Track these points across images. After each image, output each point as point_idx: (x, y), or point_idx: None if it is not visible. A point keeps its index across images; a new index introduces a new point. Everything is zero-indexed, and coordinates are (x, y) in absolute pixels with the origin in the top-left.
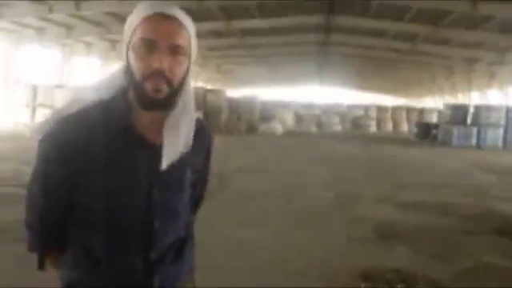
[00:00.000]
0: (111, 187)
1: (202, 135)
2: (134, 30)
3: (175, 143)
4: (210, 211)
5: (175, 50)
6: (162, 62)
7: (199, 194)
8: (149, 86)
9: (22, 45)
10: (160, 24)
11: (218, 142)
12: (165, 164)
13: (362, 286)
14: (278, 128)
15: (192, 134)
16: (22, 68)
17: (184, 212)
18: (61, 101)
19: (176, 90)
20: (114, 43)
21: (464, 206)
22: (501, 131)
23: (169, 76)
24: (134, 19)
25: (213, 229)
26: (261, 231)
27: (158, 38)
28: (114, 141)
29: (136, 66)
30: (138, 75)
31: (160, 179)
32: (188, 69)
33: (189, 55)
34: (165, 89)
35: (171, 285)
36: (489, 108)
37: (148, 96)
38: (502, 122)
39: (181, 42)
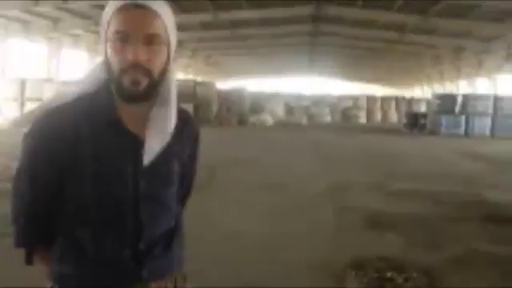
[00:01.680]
0: (98, 180)
1: (189, 127)
2: (109, 22)
3: (158, 136)
4: (200, 203)
5: (151, 40)
6: (138, 53)
7: (187, 186)
8: (127, 80)
9: (8, 38)
10: (132, 14)
11: (209, 134)
12: (147, 159)
13: (353, 274)
14: (269, 119)
15: (173, 124)
16: (9, 62)
17: (172, 204)
18: (49, 94)
19: (157, 81)
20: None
21: (453, 194)
22: (489, 120)
23: (147, 67)
24: (108, 11)
25: (204, 220)
26: (251, 222)
27: (131, 30)
28: (99, 134)
29: (112, 59)
30: (115, 69)
31: (146, 172)
32: (168, 58)
33: (167, 44)
34: (144, 80)
35: (160, 276)
36: (476, 97)
37: (127, 89)
38: (490, 110)
39: (156, 31)
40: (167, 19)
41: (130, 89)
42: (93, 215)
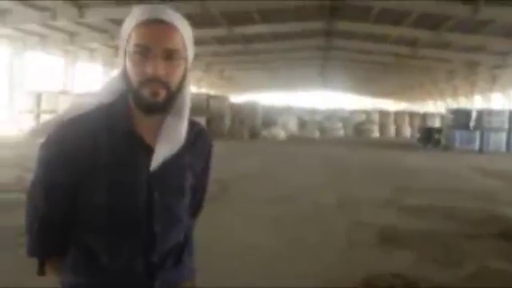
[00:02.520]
0: (112, 191)
1: (202, 139)
2: (129, 36)
3: (167, 144)
4: (212, 216)
5: (170, 55)
6: (157, 67)
7: (199, 199)
8: (146, 92)
9: (25, 52)
10: (153, 29)
11: (221, 148)
12: (154, 164)
13: None
14: (281, 133)
15: (183, 134)
16: (26, 75)
17: (184, 216)
18: (65, 107)
19: (174, 94)
20: (117, 49)
21: (468, 210)
22: (504, 135)
23: (165, 81)
24: (128, 25)
25: (216, 233)
26: (263, 236)
27: (152, 44)
28: (114, 144)
29: (132, 72)
30: (134, 82)
31: (160, 183)
32: (185, 72)
33: (185, 58)
34: (163, 93)
35: (172, 287)
36: (491, 112)
37: (146, 101)
38: (505, 125)
39: (175, 46)
40: (186, 34)
41: (150, 100)
42: (106, 225)
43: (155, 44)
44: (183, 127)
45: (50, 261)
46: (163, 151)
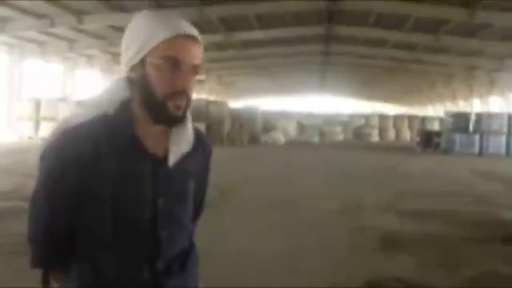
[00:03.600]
0: (117, 199)
1: (202, 145)
2: (156, 47)
3: (179, 146)
4: (213, 222)
5: (196, 70)
6: (188, 82)
7: (199, 203)
8: (172, 105)
9: (24, 59)
10: (186, 44)
11: (221, 153)
12: (171, 162)
13: None
14: (280, 138)
15: (192, 138)
16: (25, 82)
17: (188, 222)
18: (64, 113)
19: (190, 105)
20: (115, 56)
21: (468, 214)
22: (503, 138)
23: (190, 94)
24: (153, 35)
25: (216, 239)
26: (264, 241)
27: (184, 59)
28: (118, 153)
29: (159, 83)
30: (160, 93)
31: (164, 190)
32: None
33: None
34: (183, 105)
35: None
36: (491, 115)
37: (170, 113)
38: (505, 129)
39: (200, 61)
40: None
41: (173, 113)
42: (111, 234)
43: (188, 59)
44: (190, 130)
45: (53, 270)
46: (176, 152)
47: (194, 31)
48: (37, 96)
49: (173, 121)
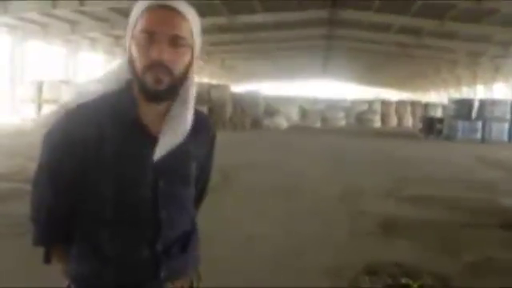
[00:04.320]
0: (118, 179)
1: (205, 129)
2: (136, 22)
3: (172, 133)
4: (214, 206)
5: (175, 41)
6: (162, 52)
7: (202, 188)
8: (149, 78)
9: (26, 41)
10: (159, 15)
11: (223, 138)
12: (158, 153)
13: (367, 279)
14: (283, 123)
15: (189, 123)
16: (28, 64)
17: (189, 205)
18: (66, 96)
19: (178, 81)
20: (118, 39)
21: (469, 200)
22: (506, 125)
23: (170, 66)
24: (136, 12)
25: (218, 224)
26: (264, 226)
27: (158, 29)
28: (120, 133)
29: (137, 57)
30: (139, 67)
31: (165, 171)
32: (191, 60)
33: (191, 46)
34: (166, 80)
35: (177, 277)
36: (494, 102)
37: (149, 88)
38: (508, 116)
39: (181, 32)
40: (193, 22)
41: (153, 87)
42: (112, 214)
43: (161, 29)
44: (189, 116)
45: (55, 249)
46: (168, 140)
47: (173, 2)
48: (39, 78)
49: (153, 95)
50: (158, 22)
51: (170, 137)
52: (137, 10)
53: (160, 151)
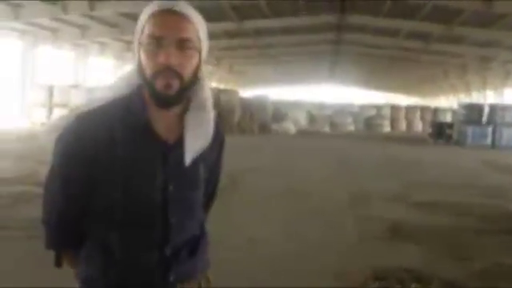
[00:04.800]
0: (128, 183)
1: (215, 132)
2: (143, 27)
3: (196, 139)
4: (223, 210)
5: (183, 45)
6: (170, 56)
7: (212, 192)
8: (159, 83)
9: (37, 46)
10: (165, 20)
11: (231, 142)
12: (188, 159)
13: (375, 285)
14: (291, 128)
15: (211, 130)
16: (38, 69)
17: (198, 209)
18: (76, 100)
19: (188, 85)
20: (128, 44)
21: (478, 205)
22: None
23: (178, 70)
24: (143, 17)
25: (226, 227)
26: (273, 230)
27: (164, 34)
28: (130, 139)
29: (146, 63)
30: (148, 73)
31: (175, 176)
32: (199, 64)
33: (199, 50)
34: (176, 84)
35: (186, 280)
36: (504, 107)
37: (159, 93)
38: None
39: (188, 35)
40: (200, 26)
41: (163, 92)
42: (122, 218)
43: (168, 34)
44: (210, 121)
45: (66, 253)
46: (195, 144)
47: (179, 6)
48: (49, 83)
49: (163, 100)
50: (164, 27)
51: (195, 142)
52: (143, 16)
53: (189, 156)
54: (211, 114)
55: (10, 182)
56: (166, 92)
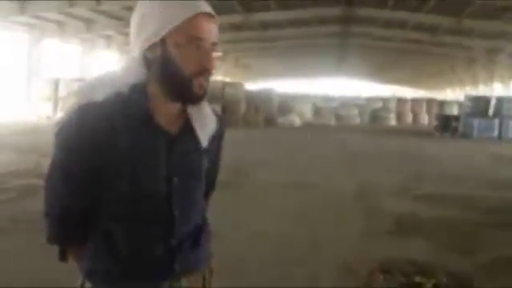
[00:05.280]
0: (132, 176)
1: (217, 123)
2: (180, 26)
3: (204, 125)
4: (228, 203)
5: (214, 48)
6: (212, 61)
7: (212, 182)
8: (196, 84)
9: (43, 39)
10: (206, 22)
11: (236, 135)
12: (203, 140)
13: (381, 278)
14: (296, 120)
15: (214, 118)
16: (44, 62)
17: (200, 199)
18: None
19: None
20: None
21: (485, 198)
22: None
23: (212, 73)
24: (174, 14)
25: (230, 220)
26: (277, 223)
27: (206, 37)
28: (133, 131)
29: (184, 63)
30: (186, 72)
31: (179, 168)
32: None
33: None
34: (206, 85)
35: (190, 271)
36: (511, 99)
37: (194, 92)
38: None
39: (217, 39)
40: None
41: (197, 92)
42: (126, 211)
43: (208, 37)
44: (209, 110)
45: (71, 247)
46: (205, 129)
47: (211, 9)
48: (55, 76)
49: (196, 99)
50: (205, 30)
51: (205, 126)
52: (179, 14)
53: (203, 138)
54: (208, 105)
55: (16, 175)
56: (199, 92)
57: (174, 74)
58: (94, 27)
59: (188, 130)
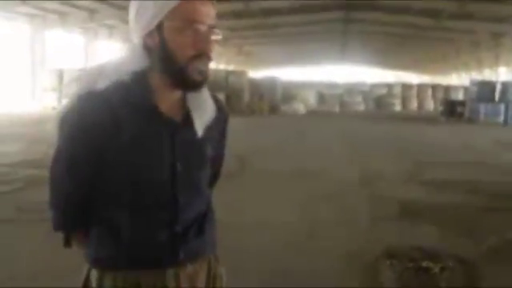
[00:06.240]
0: (136, 163)
1: (219, 111)
2: (173, 10)
3: (202, 112)
4: (231, 191)
5: (212, 31)
6: (209, 44)
7: (216, 170)
8: (195, 68)
9: (46, 29)
10: (203, 5)
11: (241, 123)
12: (199, 128)
13: (388, 263)
14: (300, 108)
15: (212, 104)
16: (48, 53)
17: (205, 187)
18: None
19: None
20: None
21: (490, 183)
22: None
23: (210, 57)
24: (167, 1)
25: (234, 209)
26: (283, 211)
27: (201, 19)
28: (136, 118)
29: (180, 47)
30: (181, 57)
31: (183, 155)
32: None
33: None
34: (207, 70)
35: (195, 259)
36: None
37: (191, 78)
38: None
39: (215, 22)
40: None
41: (197, 78)
42: (130, 198)
43: (204, 20)
44: (208, 97)
45: (75, 234)
46: (202, 118)
47: None
48: (59, 67)
49: (195, 85)
50: (201, 12)
51: (203, 114)
52: None
53: (199, 127)
54: (206, 90)
55: (22, 166)
56: (199, 78)
57: (170, 61)
58: (97, 17)
59: (191, 117)
